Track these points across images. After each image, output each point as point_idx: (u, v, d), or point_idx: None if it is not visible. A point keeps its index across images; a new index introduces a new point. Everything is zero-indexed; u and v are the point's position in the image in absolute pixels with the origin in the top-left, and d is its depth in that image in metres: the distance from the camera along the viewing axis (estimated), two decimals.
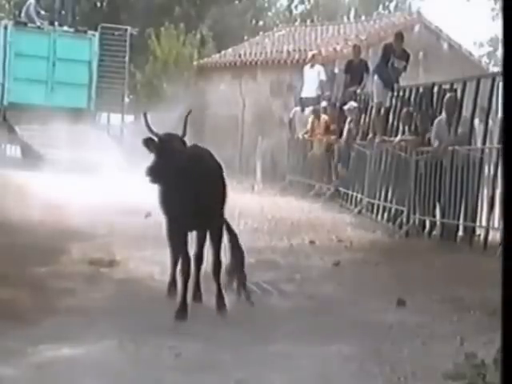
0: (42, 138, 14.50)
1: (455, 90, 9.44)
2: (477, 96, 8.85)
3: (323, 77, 14.57)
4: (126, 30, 16.76)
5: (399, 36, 11.19)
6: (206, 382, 3.81)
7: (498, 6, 28.22)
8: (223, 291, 5.19)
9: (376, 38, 16.40)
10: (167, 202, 5.06)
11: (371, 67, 11.97)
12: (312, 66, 14.77)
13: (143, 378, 3.81)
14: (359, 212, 10.71)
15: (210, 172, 5.14)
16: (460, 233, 8.61)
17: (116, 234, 7.43)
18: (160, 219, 5.35)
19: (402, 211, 9.35)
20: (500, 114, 8.70)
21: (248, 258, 7.08)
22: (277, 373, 3.90)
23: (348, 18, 24.72)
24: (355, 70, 12.97)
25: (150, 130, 5.04)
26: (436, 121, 9.19)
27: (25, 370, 3.82)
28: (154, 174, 4.79)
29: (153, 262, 6.22)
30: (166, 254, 5.78)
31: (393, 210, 9.80)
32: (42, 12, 16.41)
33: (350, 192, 11.38)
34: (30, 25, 15.93)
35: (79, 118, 15.01)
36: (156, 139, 4.98)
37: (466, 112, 9.15)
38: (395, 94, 11.15)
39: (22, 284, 5.35)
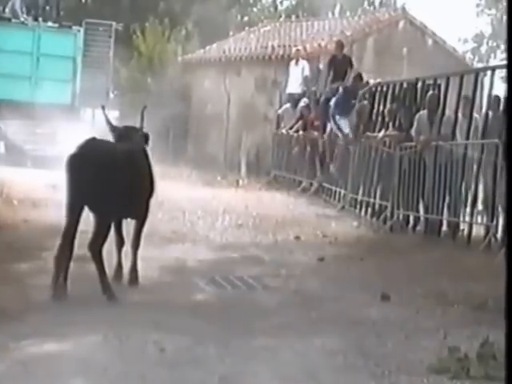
0: (26, 133, 14.38)
1: (439, 86, 9.49)
2: (460, 91, 8.90)
3: (308, 72, 14.58)
4: (110, 25, 16.64)
5: (359, 76, 12.14)
6: (189, 377, 3.81)
7: (483, 1, 28.37)
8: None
9: (361, 34, 16.43)
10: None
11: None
12: (297, 61, 14.77)
13: (128, 372, 3.80)
14: (343, 207, 10.74)
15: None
16: (444, 228, 8.67)
17: None
18: None
19: (386, 206, 9.39)
20: (484, 110, 8.76)
21: (233, 254, 7.11)
22: (261, 367, 3.91)
23: (333, 14, 24.74)
24: (339, 66, 13.00)
25: (109, 124, 5.42)
26: (417, 116, 9.23)
27: (9, 365, 3.80)
28: None
29: None
30: (146, 249, 5.78)
31: (377, 206, 9.84)
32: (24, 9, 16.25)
33: (334, 188, 11.41)
34: (13, 20, 15.78)
35: (63, 114, 14.87)
36: (113, 133, 5.37)
37: (450, 108, 9.20)
38: (379, 89, 11.20)
39: (3, 280, 5.32)
